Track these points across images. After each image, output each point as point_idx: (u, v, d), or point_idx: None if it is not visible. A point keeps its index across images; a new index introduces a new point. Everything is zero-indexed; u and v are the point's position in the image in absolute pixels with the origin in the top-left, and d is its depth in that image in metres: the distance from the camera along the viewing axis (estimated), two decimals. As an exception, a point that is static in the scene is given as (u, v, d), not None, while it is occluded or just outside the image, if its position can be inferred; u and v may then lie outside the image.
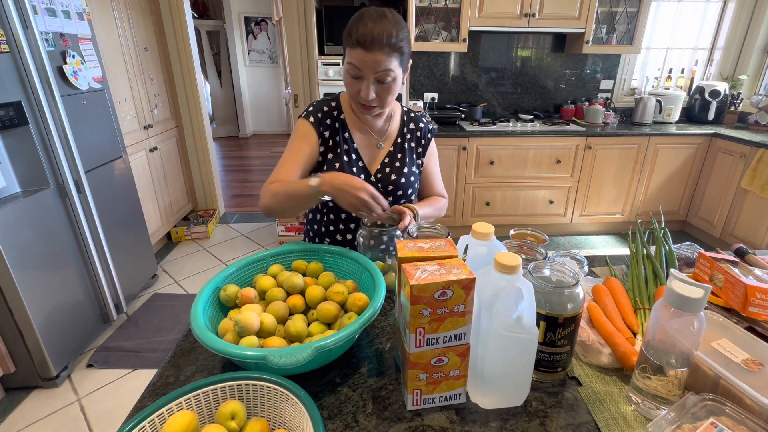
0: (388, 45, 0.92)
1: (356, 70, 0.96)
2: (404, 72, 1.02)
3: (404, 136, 1.18)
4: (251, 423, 0.57)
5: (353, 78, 0.98)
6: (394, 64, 0.96)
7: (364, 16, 0.93)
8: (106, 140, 2.16)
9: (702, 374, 0.62)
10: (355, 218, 1.16)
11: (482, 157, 2.94)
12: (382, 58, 0.93)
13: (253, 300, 0.80)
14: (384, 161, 1.16)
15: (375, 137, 1.16)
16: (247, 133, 6.87)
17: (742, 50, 3.35)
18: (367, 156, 1.15)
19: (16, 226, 1.60)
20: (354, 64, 0.95)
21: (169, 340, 2.10)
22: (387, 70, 0.95)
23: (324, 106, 1.12)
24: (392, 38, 0.92)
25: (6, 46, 1.58)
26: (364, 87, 0.98)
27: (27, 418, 1.67)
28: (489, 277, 0.61)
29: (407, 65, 1.02)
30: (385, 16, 0.93)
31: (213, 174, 3.53)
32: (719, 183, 2.96)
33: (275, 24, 5.80)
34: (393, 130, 1.18)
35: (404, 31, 0.95)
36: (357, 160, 1.13)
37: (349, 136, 1.13)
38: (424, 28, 2.96)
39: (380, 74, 0.95)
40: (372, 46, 0.91)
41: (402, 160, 1.17)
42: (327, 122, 1.11)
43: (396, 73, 0.97)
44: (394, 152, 1.17)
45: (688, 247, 1.01)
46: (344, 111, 1.14)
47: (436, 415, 0.64)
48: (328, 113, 1.12)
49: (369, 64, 0.94)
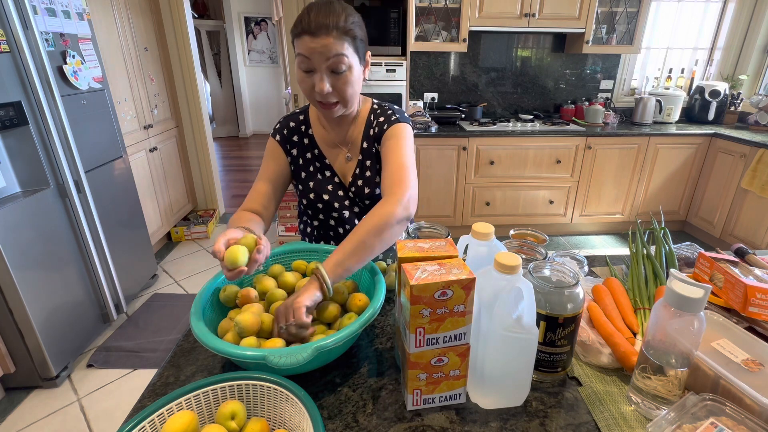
0: (336, 28, 0.85)
1: (306, 62, 0.87)
2: (361, 60, 0.93)
3: (369, 139, 1.06)
4: (251, 423, 0.57)
5: (305, 72, 0.90)
6: (347, 50, 0.87)
7: (312, 7, 0.87)
8: (106, 140, 2.16)
9: (702, 374, 0.62)
10: (344, 233, 1.12)
11: (482, 157, 2.94)
12: (331, 42, 0.85)
13: (253, 300, 0.80)
14: (355, 173, 1.07)
15: (343, 149, 1.08)
16: (247, 133, 6.87)
17: (742, 50, 3.35)
18: (340, 170, 1.09)
19: (16, 226, 1.60)
20: (303, 54, 0.87)
21: (169, 340, 2.10)
22: (339, 55, 0.86)
23: (291, 122, 1.08)
24: (340, 21, 0.85)
25: (6, 46, 1.58)
26: (317, 80, 0.89)
27: (27, 418, 1.67)
28: (489, 277, 0.61)
29: (364, 54, 0.94)
30: (331, 3, 0.87)
31: (213, 174, 3.53)
32: (719, 183, 2.96)
33: (275, 24, 5.79)
34: (357, 135, 1.07)
35: (354, 15, 0.89)
36: (332, 177, 1.08)
37: (319, 153, 1.08)
38: (424, 28, 2.96)
39: (332, 61, 0.87)
40: (318, 31, 0.84)
41: (372, 168, 1.06)
42: (294, 139, 1.07)
43: (351, 61, 0.89)
44: (363, 161, 1.07)
45: (688, 247, 1.01)
46: (312, 125, 1.08)
47: (436, 415, 0.64)
48: (295, 129, 1.07)
49: (318, 51, 0.85)
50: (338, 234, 1.13)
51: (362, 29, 0.92)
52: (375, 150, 1.05)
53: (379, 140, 1.02)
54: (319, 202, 1.08)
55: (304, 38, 0.86)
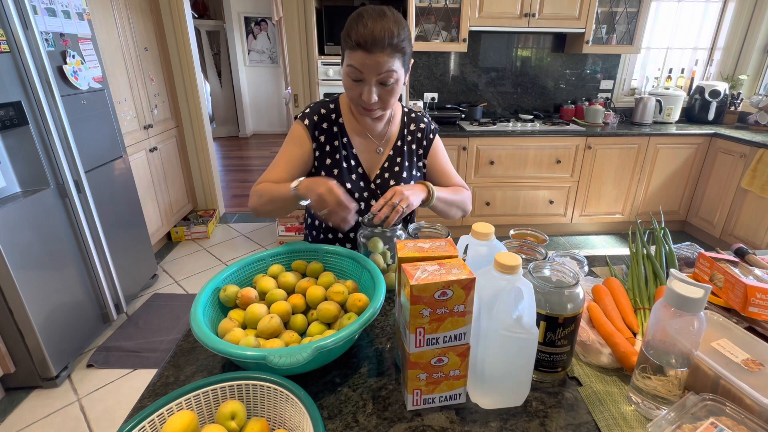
0: (390, 46, 0.88)
1: (357, 73, 0.92)
2: (406, 72, 0.98)
3: (404, 139, 1.15)
4: (251, 423, 0.57)
5: (354, 81, 0.94)
6: (396, 65, 0.92)
7: (363, 15, 0.89)
8: (106, 140, 2.16)
9: (702, 374, 0.62)
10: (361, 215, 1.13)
11: (482, 157, 2.94)
12: (385, 60, 0.89)
13: (253, 300, 0.80)
14: (383, 166, 1.12)
15: (374, 142, 1.13)
16: (247, 133, 6.87)
17: (742, 50, 3.35)
18: (367, 161, 1.12)
19: (16, 226, 1.60)
20: (355, 66, 0.91)
21: (169, 340, 2.10)
22: (390, 71, 0.92)
23: (322, 108, 1.09)
24: (394, 38, 0.88)
25: (6, 46, 1.58)
26: (366, 90, 0.94)
27: (27, 418, 1.67)
28: (489, 277, 0.61)
29: (409, 65, 0.98)
30: (384, 15, 0.89)
31: (213, 174, 3.53)
32: (719, 183, 2.96)
33: (275, 24, 5.80)
34: (393, 133, 1.14)
35: (405, 30, 0.92)
36: (356, 166, 1.11)
37: (347, 142, 1.10)
38: (424, 28, 2.96)
39: (383, 76, 0.92)
40: (373, 48, 0.88)
41: (401, 164, 1.13)
42: (323, 126, 1.08)
43: (398, 75, 0.94)
44: (393, 156, 1.13)
45: (688, 247, 1.01)
46: (343, 114, 1.10)
47: (436, 415, 0.64)
48: (325, 116, 1.08)
49: (371, 67, 0.90)
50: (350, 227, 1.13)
51: (411, 43, 0.96)
52: (408, 149, 1.15)
53: (416, 142, 1.16)
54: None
55: (357, 52, 0.89)
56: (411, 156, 1.16)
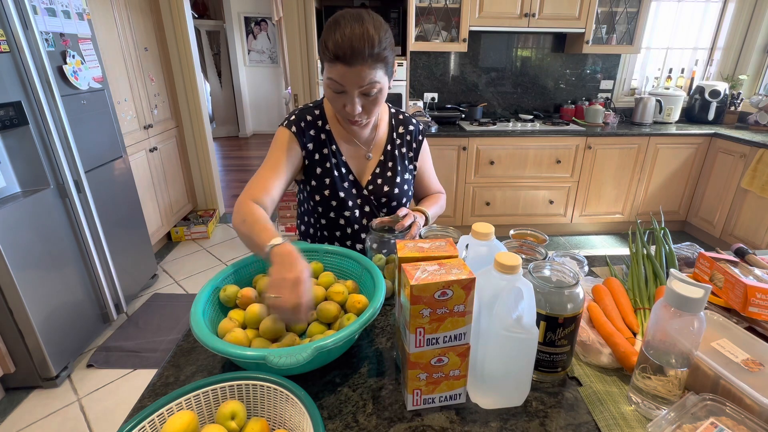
0: (371, 56, 0.83)
1: (338, 86, 0.87)
2: (390, 78, 0.94)
3: (393, 143, 1.11)
4: (251, 423, 0.57)
5: (336, 93, 0.90)
6: (379, 75, 0.87)
7: (340, 22, 0.83)
8: (106, 140, 2.16)
9: (702, 374, 0.62)
10: (351, 232, 1.12)
11: (482, 157, 2.94)
12: (366, 72, 0.84)
13: (253, 300, 0.80)
14: (375, 172, 1.10)
15: (362, 148, 1.09)
16: (247, 133, 6.87)
17: (742, 50, 3.35)
18: (357, 168, 1.09)
19: (16, 226, 1.60)
20: (335, 80, 0.86)
21: (169, 340, 2.10)
22: (372, 83, 0.87)
23: (307, 115, 1.04)
24: (375, 47, 0.83)
25: (6, 46, 1.58)
26: (349, 102, 0.90)
27: (27, 418, 1.67)
28: (489, 277, 0.61)
29: (392, 70, 0.94)
30: (362, 20, 0.83)
31: (213, 174, 3.53)
32: (719, 183, 2.96)
33: (275, 24, 5.80)
34: (381, 138, 1.11)
35: (386, 34, 0.86)
36: (347, 174, 1.08)
37: (336, 149, 1.06)
38: (424, 28, 2.96)
39: (365, 88, 0.88)
40: (353, 60, 0.82)
41: (393, 168, 1.11)
42: (311, 133, 1.04)
43: (382, 84, 0.90)
44: (384, 162, 1.10)
45: (688, 247, 1.01)
46: (329, 120, 1.06)
47: (436, 415, 0.64)
48: (312, 123, 1.04)
49: (352, 79, 0.85)
50: (345, 234, 1.12)
51: (392, 47, 0.90)
52: (398, 153, 1.12)
53: (406, 145, 1.14)
54: (333, 199, 1.06)
55: (337, 65, 0.84)
56: (402, 159, 1.13)
